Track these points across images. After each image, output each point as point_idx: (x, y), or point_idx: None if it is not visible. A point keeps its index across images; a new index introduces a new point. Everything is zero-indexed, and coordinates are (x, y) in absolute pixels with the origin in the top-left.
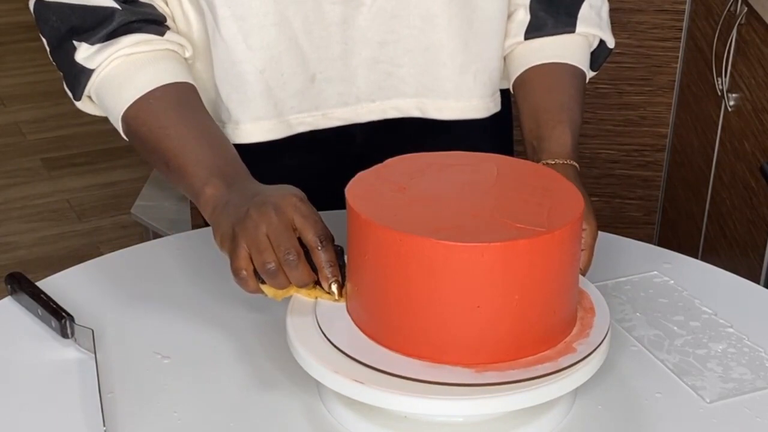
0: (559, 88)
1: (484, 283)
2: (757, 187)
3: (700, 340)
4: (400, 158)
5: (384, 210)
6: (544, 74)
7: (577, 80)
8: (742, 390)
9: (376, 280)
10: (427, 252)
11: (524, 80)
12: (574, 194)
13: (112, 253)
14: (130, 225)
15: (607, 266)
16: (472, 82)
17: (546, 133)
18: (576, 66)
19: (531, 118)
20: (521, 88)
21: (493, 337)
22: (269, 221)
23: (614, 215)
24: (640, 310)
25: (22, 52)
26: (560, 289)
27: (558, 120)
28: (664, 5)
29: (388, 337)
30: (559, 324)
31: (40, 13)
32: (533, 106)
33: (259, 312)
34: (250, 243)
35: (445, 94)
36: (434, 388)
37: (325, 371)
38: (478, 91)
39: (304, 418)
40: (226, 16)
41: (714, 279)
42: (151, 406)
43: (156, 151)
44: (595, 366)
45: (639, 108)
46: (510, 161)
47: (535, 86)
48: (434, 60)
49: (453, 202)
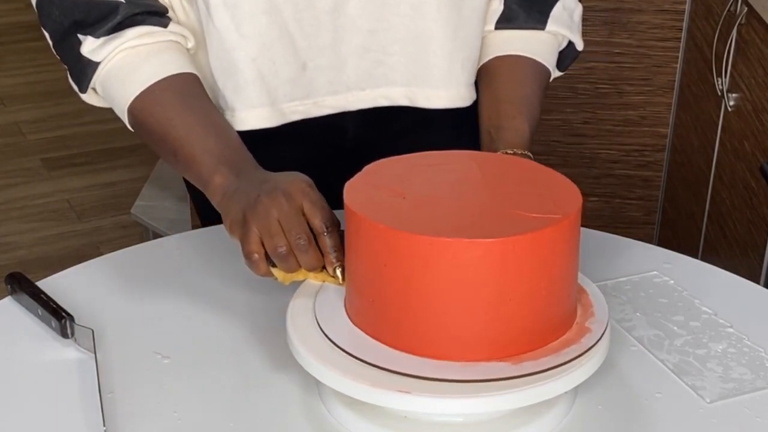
0: (523, 82)
1: (512, 277)
2: (757, 187)
3: (700, 340)
4: (386, 162)
5: (401, 219)
6: (509, 66)
7: (541, 77)
8: (742, 390)
9: (396, 285)
10: (454, 252)
11: (488, 69)
12: (562, 181)
13: (112, 253)
14: (130, 225)
15: (607, 266)
16: (459, 71)
17: (505, 123)
18: (542, 63)
19: (491, 106)
20: (485, 76)
21: (525, 327)
22: (280, 206)
23: (614, 215)
24: (640, 310)
25: (22, 52)
26: (573, 276)
27: (518, 111)
28: (664, 5)
29: (392, 335)
30: (570, 312)
31: (43, 8)
32: (495, 95)
33: (258, 312)
34: (262, 227)
35: (435, 82)
36: (439, 386)
37: (325, 370)
38: (464, 80)
39: (304, 417)
40: (217, 5)
41: (714, 279)
42: (151, 406)
43: (164, 141)
44: (602, 355)
45: (639, 108)
46: (488, 156)
47: (499, 76)
48: (424, 48)
49: (457, 201)
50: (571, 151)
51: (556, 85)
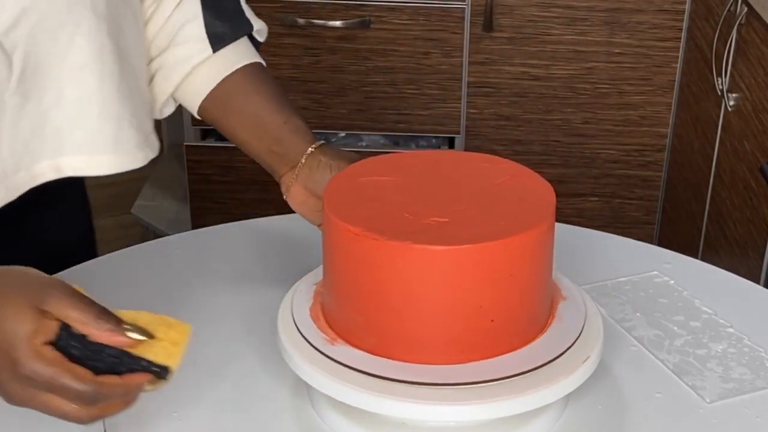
0: (263, 87)
1: (486, 282)
2: (757, 187)
3: (700, 340)
4: (365, 162)
5: (376, 224)
6: (239, 81)
7: (268, 73)
8: (742, 390)
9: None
10: (429, 258)
11: (218, 97)
12: (537, 180)
13: (112, 253)
14: (130, 225)
15: (607, 266)
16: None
17: (284, 133)
18: (259, 61)
19: (253, 127)
20: (217, 107)
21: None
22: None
23: (614, 215)
24: (640, 310)
25: None
26: (548, 278)
27: (289, 114)
28: (664, 5)
29: (362, 338)
30: (544, 312)
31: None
32: (249, 115)
33: (258, 313)
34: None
35: (102, 148)
36: (434, 392)
37: (313, 372)
38: (134, 141)
39: (296, 426)
40: None
41: (714, 279)
42: (151, 406)
43: None
44: (596, 344)
45: (639, 108)
46: (462, 156)
47: (236, 96)
48: (83, 112)
49: (433, 204)
50: (571, 151)
51: (556, 85)
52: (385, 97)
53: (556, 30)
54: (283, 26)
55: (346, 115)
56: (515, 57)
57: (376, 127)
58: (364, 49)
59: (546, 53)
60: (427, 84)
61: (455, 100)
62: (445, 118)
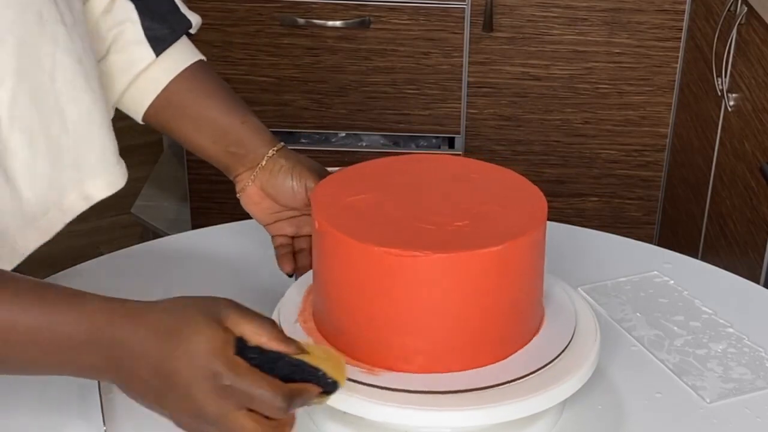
0: (212, 87)
1: (477, 289)
2: (757, 187)
3: (700, 340)
4: (355, 168)
5: (366, 231)
6: (185, 83)
7: (212, 70)
8: (742, 390)
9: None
10: (419, 266)
11: (165, 101)
12: (528, 187)
13: (112, 253)
14: (130, 225)
15: (607, 266)
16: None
17: (243, 134)
18: (201, 59)
19: (209, 129)
20: (165, 111)
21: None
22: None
23: (614, 215)
24: (640, 310)
25: None
26: (539, 284)
27: (243, 112)
28: (664, 5)
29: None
30: (537, 318)
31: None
32: (203, 117)
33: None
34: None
35: (111, 164)
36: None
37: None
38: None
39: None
40: None
41: (714, 279)
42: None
43: None
44: (593, 345)
45: (639, 108)
46: (455, 161)
47: (185, 99)
48: (87, 130)
49: (424, 212)
50: (571, 151)
51: (556, 85)
52: (385, 97)
53: (556, 30)
54: (283, 26)
55: (346, 115)
56: (515, 57)
57: (376, 127)
58: (364, 49)
59: (546, 53)
60: (427, 84)
61: (455, 100)
62: (445, 118)
